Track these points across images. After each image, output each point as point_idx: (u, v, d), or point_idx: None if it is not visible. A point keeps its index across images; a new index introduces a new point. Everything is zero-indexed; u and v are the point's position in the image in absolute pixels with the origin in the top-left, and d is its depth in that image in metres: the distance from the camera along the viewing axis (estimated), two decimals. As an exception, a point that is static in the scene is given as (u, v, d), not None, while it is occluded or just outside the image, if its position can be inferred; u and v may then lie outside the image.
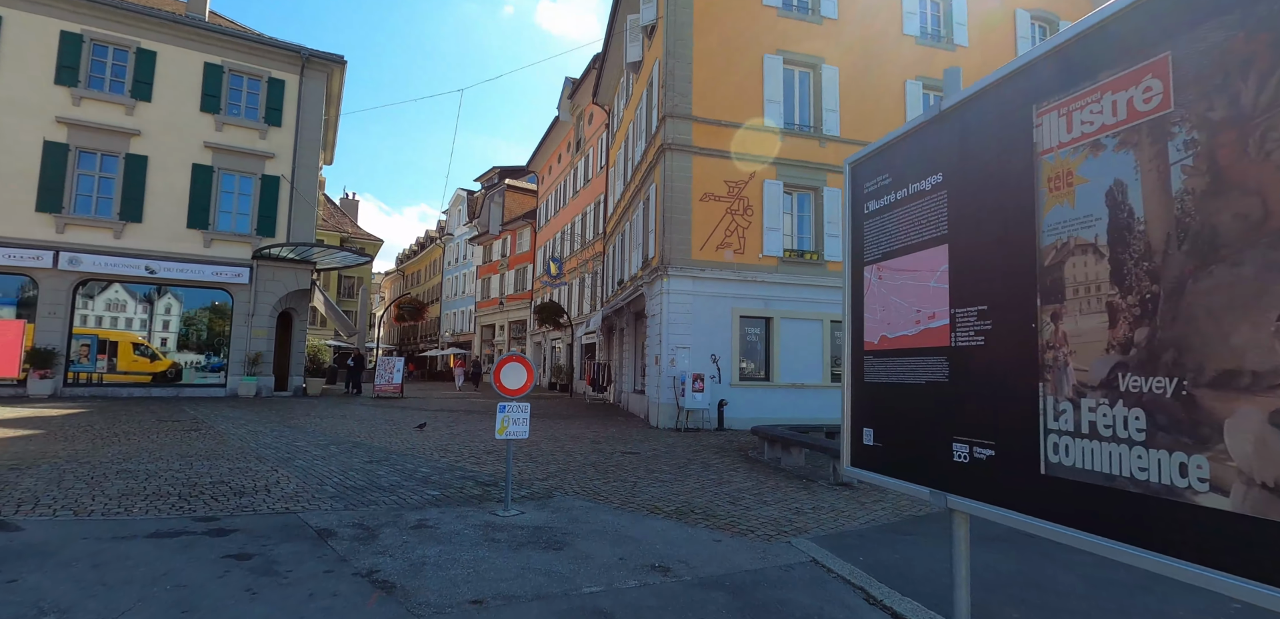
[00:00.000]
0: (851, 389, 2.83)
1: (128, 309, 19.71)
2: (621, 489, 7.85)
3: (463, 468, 8.92)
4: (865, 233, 2.78)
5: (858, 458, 2.78)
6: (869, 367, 2.69)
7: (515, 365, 6.64)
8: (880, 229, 2.67)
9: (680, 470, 9.35)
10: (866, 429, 2.70)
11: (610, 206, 25.60)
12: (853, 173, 2.95)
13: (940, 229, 2.32)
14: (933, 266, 2.33)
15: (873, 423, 2.66)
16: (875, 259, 2.69)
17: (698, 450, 11.47)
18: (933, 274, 2.33)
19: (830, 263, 16.51)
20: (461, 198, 55.12)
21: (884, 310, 2.60)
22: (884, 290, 2.61)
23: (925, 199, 2.40)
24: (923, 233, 2.40)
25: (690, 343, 15.21)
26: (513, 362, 6.63)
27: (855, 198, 2.89)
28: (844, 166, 3.00)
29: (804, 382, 16.01)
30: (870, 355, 2.69)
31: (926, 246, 2.37)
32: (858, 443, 2.78)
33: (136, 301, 19.87)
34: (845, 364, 2.89)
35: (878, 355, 2.64)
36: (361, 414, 16.15)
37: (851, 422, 2.82)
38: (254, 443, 10.47)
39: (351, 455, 9.63)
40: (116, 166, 18.93)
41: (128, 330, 19.69)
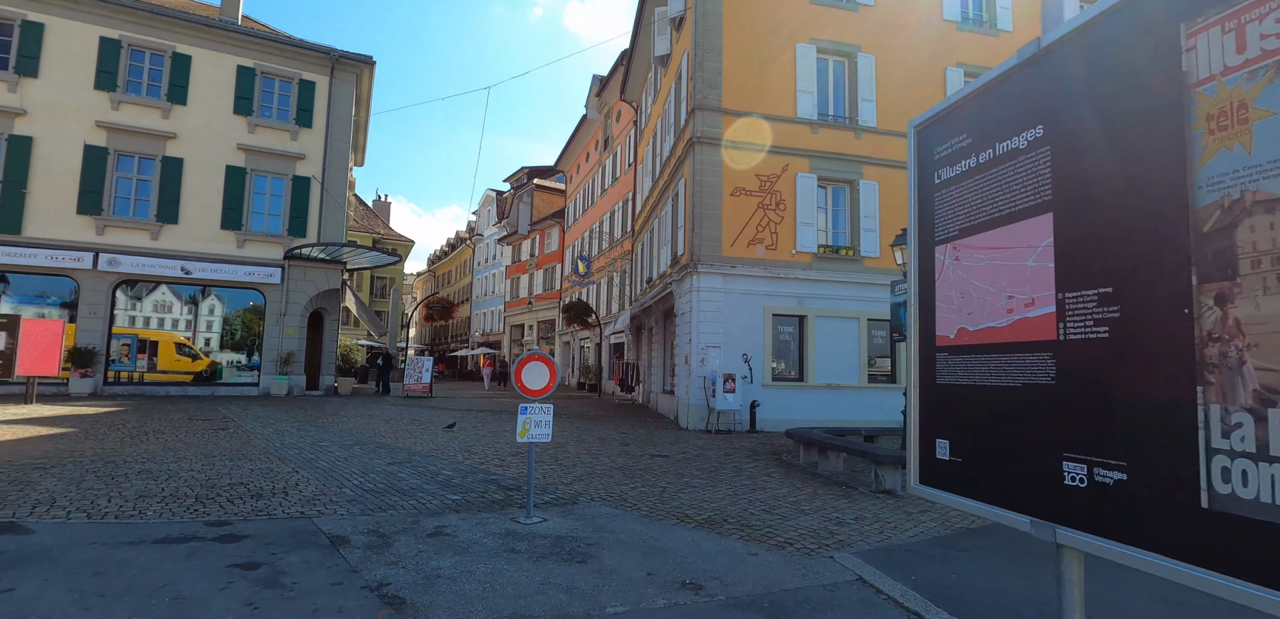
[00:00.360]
0: (920, 392, 2.38)
1: (173, 310, 20.04)
2: (649, 495, 7.46)
3: (486, 471, 8.63)
4: (935, 206, 2.34)
5: (929, 474, 2.34)
6: (943, 365, 2.25)
7: (537, 365, 6.30)
8: (956, 201, 2.22)
9: (711, 475, 8.91)
10: (940, 440, 2.25)
11: (638, 204, 25.23)
12: (919, 138, 2.50)
13: (1041, 194, 1.87)
14: (1030, 241, 1.89)
15: (949, 433, 2.22)
16: (950, 237, 2.25)
17: (729, 453, 11.02)
18: (1030, 250, 1.89)
19: (867, 259, 15.85)
20: (491, 198, 55.40)
21: (963, 298, 2.16)
22: (962, 274, 2.17)
23: (1019, 160, 1.96)
24: (1016, 201, 1.96)
25: (721, 342, 14.74)
26: (534, 361, 6.29)
27: (922, 166, 2.45)
28: (907, 131, 2.56)
29: (839, 382, 15.40)
30: (945, 352, 2.25)
31: (1022, 217, 1.93)
32: (929, 456, 2.34)
33: (182, 303, 20.21)
34: (910, 362, 2.45)
35: (955, 352, 2.19)
36: (389, 414, 16.08)
37: (920, 431, 2.38)
38: (279, 443, 10.37)
39: (375, 457, 9.43)
40: (153, 169, 19.26)
41: (169, 330, 20.02)
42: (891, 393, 15.73)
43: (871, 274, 15.77)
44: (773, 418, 14.77)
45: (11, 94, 17.83)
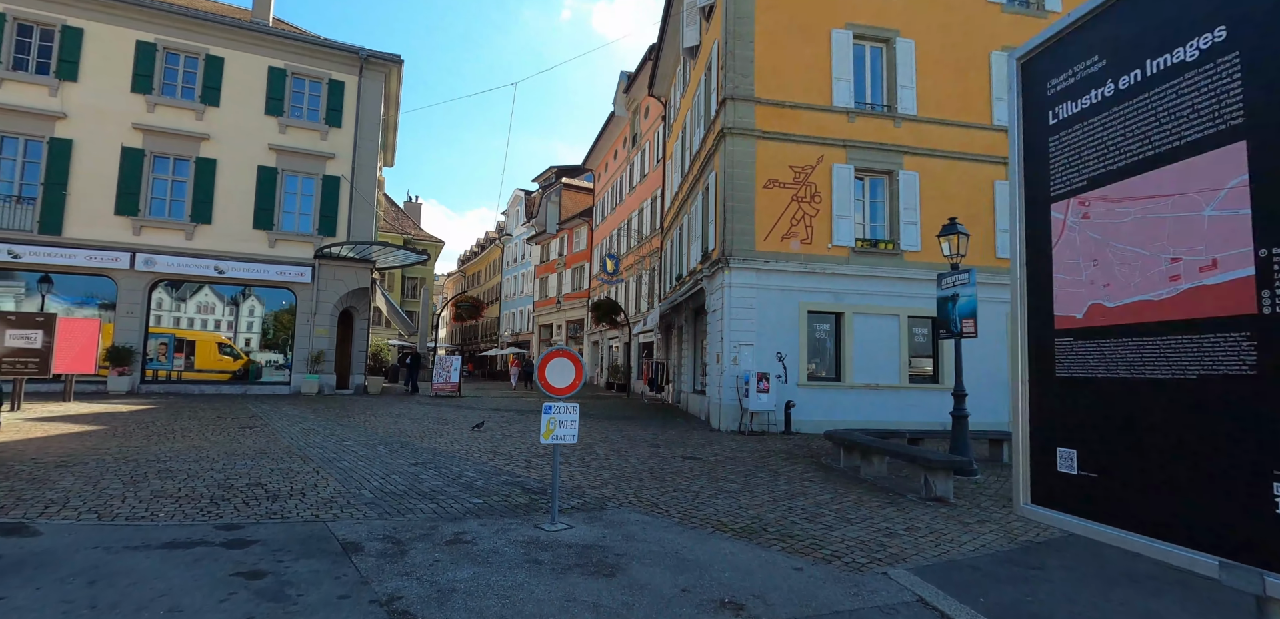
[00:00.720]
0: (1032, 389, 1.89)
1: (214, 310, 20.27)
2: (682, 500, 7.01)
3: (511, 473, 8.28)
4: (1051, 153, 1.85)
5: (1047, 492, 1.84)
6: (1067, 354, 1.76)
7: (562, 361, 5.91)
8: (1084, 142, 1.74)
9: (747, 479, 8.42)
10: (1064, 450, 1.76)
11: (667, 200, 24.78)
12: (1025, 73, 2.01)
13: (1225, 118, 1.39)
14: (1209, 183, 1.41)
15: (1076, 441, 1.73)
16: (1074, 189, 1.76)
17: (764, 456, 10.50)
18: (1208, 196, 1.41)
19: (907, 253, 15.13)
20: (519, 198, 55.53)
21: (1096, 265, 1.68)
22: (1094, 235, 1.69)
23: (1187, 78, 1.47)
24: (1183, 132, 1.48)
25: (754, 340, 14.20)
26: (559, 357, 5.90)
27: (1030, 105, 1.96)
28: (1010, 67, 2.07)
29: (879, 382, 14.72)
30: (1069, 337, 1.76)
31: (1193, 152, 1.44)
32: (1046, 469, 1.85)
33: (224, 303, 20.44)
34: (1017, 351, 1.96)
35: (1085, 336, 1.71)
36: (416, 413, 15.92)
37: (1033, 437, 1.89)
38: (303, 442, 10.20)
39: (398, 457, 9.17)
40: (188, 170, 19.50)
41: (208, 330, 20.26)
42: (934, 394, 14.99)
43: (912, 269, 15.05)
44: (809, 419, 14.18)
45: (53, 98, 18.20)
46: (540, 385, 5.85)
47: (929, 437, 11.06)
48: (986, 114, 15.90)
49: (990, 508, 7.18)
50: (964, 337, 9.45)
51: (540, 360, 5.85)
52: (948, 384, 14.94)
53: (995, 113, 15.88)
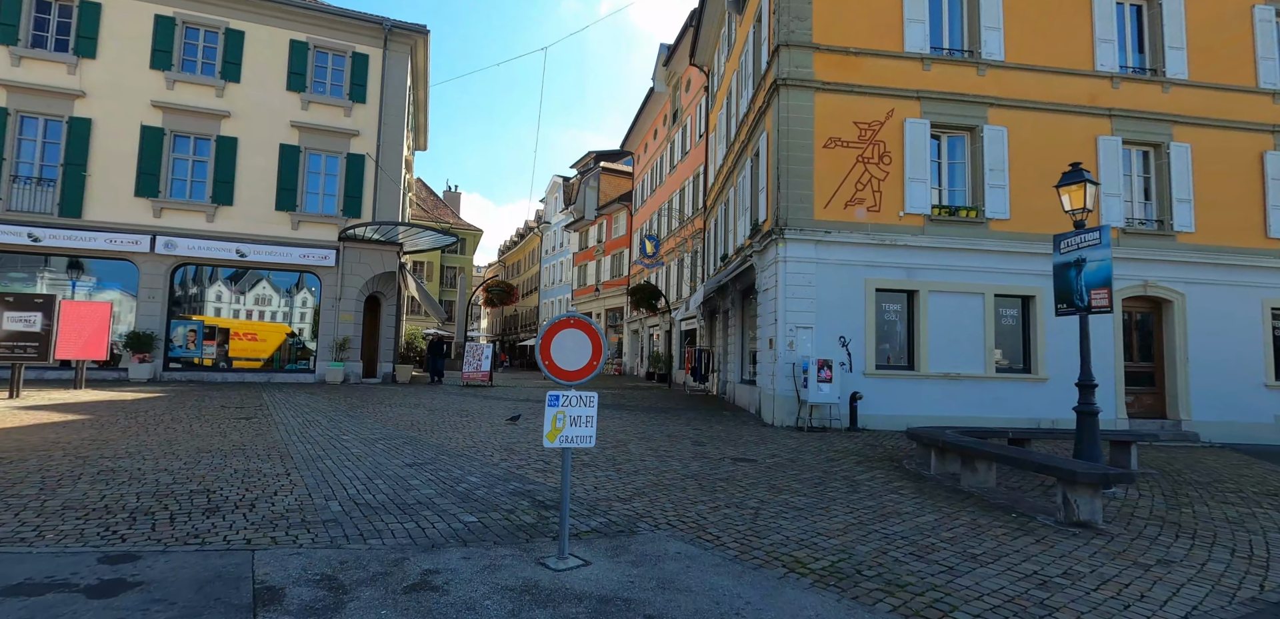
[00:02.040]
0: None
1: (244, 295, 19.53)
2: (738, 521, 5.33)
3: (523, 478, 6.74)
4: None
5: None
6: None
7: (574, 335, 4.30)
8: None
9: (818, 490, 6.67)
10: None
11: (710, 176, 22.95)
12: None
13: None
14: None
15: None
16: None
17: (833, 458, 8.71)
18: None
19: (993, 222, 12.99)
20: (558, 185, 54.37)
21: None
22: None
23: None
24: None
25: (813, 322, 12.34)
26: (569, 329, 4.29)
27: None
28: None
29: (959, 371, 12.67)
30: None
31: None
32: None
33: (279, 294, 19.68)
34: None
35: None
36: (437, 403, 14.63)
37: None
38: (295, 436, 8.91)
39: (394, 455, 7.75)
40: (208, 149, 18.70)
41: (239, 318, 19.52)
42: (1025, 386, 12.86)
43: (999, 240, 12.91)
44: (877, 413, 12.27)
45: (71, 76, 17.59)
46: (543, 367, 4.25)
47: (1036, 438, 9.05)
48: (1087, 58, 13.57)
49: (1162, 539, 5.27)
50: (1094, 311, 7.45)
51: (542, 332, 4.25)
52: (1042, 374, 12.82)
53: (1098, 57, 13.53)
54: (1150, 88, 13.84)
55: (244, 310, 19.74)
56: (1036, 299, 13.01)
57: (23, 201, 17.14)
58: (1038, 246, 12.94)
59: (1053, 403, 12.78)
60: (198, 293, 19.28)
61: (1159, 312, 13.76)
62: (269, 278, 19.87)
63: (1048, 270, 13.06)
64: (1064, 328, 12.87)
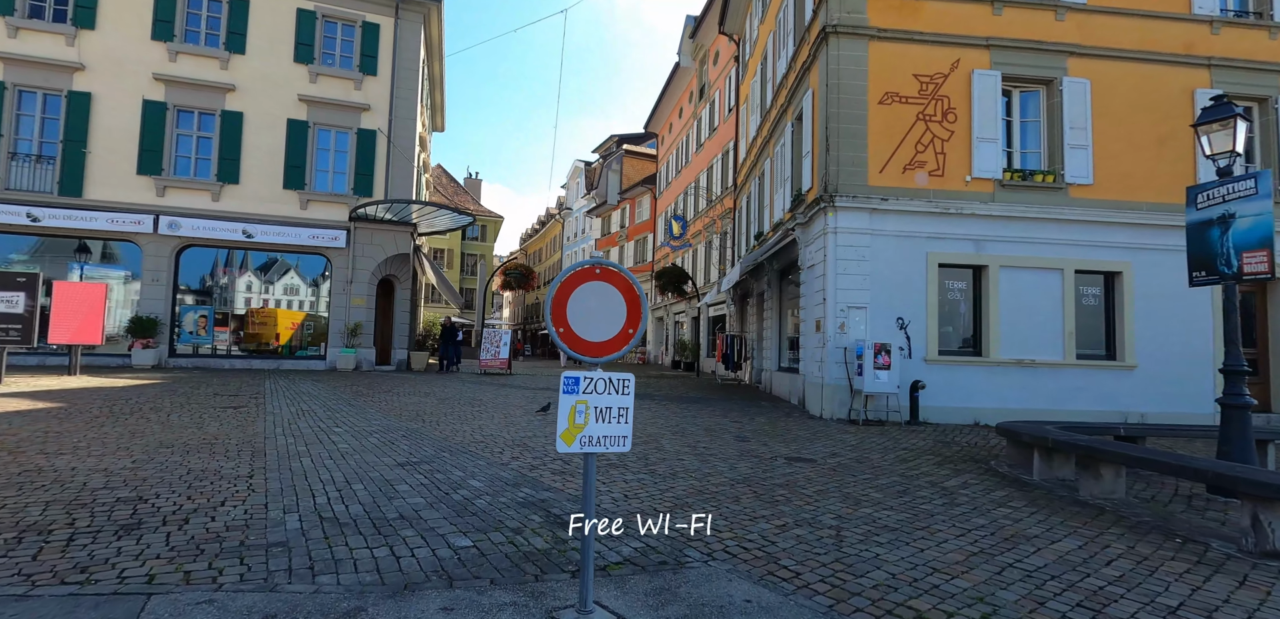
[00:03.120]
0: None
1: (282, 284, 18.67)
2: (818, 547, 4.01)
3: (536, 483, 5.49)
4: None
5: None
6: None
7: (598, 290, 3.00)
8: None
9: (904, 500, 5.32)
10: None
11: (741, 151, 21.48)
12: None
13: None
14: None
15: None
16: None
17: (905, 458, 7.32)
18: None
19: (1074, 187, 11.39)
20: (579, 170, 53.16)
21: None
22: None
23: None
24: None
25: (867, 302, 10.91)
26: (592, 280, 3.00)
27: None
28: None
29: (1034, 358, 11.15)
30: None
31: None
32: None
33: (292, 278, 18.83)
34: None
35: None
36: (449, 392, 13.49)
37: None
38: (282, 428, 7.79)
39: (387, 451, 6.56)
40: (213, 125, 17.78)
41: (255, 304, 18.68)
42: (1109, 374, 11.29)
43: (1080, 208, 11.32)
44: (941, 405, 10.83)
45: (70, 48, 16.75)
46: (556, 336, 2.96)
47: (1150, 435, 7.55)
48: (1183, 0, 11.86)
49: None
50: (1247, 279, 5.93)
51: (555, 288, 2.96)
52: (1129, 361, 11.24)
53: (1195, -1, 11.82)
54: (1255, 33, 12.07)
55: (258, 295, 18.87)
56: (1123, 276, 11.41)
57: (21, 180, 16.39)
58: (1126, 215, 11.34)
59: (1141, 394, 11.21)
60: (209, 277, 18.44)
61: (1262, 292, 12.04)
62: (284, 261, 18.98)
63: (1137, 243, 11.48)
64: (1155, 309, 11.28)
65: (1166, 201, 11.36)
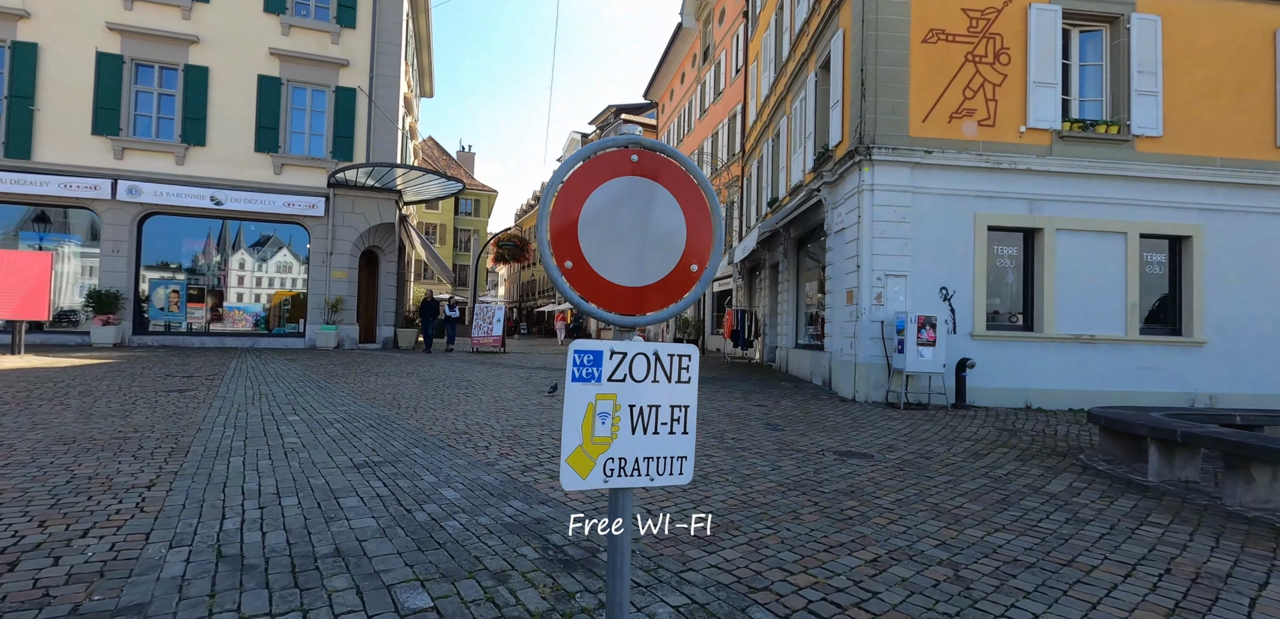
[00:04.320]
0: None
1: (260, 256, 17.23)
2: (944, 603, 2.72)
3: (529, 489, 4.20)
4: None
5: None
6: None
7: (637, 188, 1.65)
8: None
9: (1010, 512, 4.05)
10: None
11: (751, 113, 20.03)
12: None
13: None
14: None
15: None
16: None
17: (973, 450, 6.06)
18: None
19: (1141, 140, 10.05)
20: (575, 142, 51.47)
21: None
22: None
23: None
24: None
25: (907, 269, 9.61)
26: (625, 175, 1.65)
27: None
28: None
29: (1094, 333, 9.89)
30: None
31: None
32: None
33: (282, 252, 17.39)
34: None
35: None
36: (435, 372, 12.18)
37: None
38: (225, 417, 6.48)
39: (343, 447, 5.26)
40: (176, 81, 16.24)
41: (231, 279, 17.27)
42: (1175, 351, 10.05)
43: (1147, 164, 9.99)
44: (987, 385, 9.58)
45: (14, -8, 15.15)
46: (559, 279, 1.62)
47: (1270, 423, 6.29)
48: (1264, -73, 10.45)
49: None
50: None
51: (557, 187, 1.62)
52: (1198, 336, 10.00)
53: (1278, -75, 10.39)
54: (1344, -34, 10.67)
55: (234, 268, 17.45)
56: (1193, 241, 10.12)
57: (-37, 140, 14.88)
58: (1199, 172, 10.01)
59: (1212, 373, 10.00)
60: (182, 249, 17.00)
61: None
62: (259, 232, 17.54)
63: (1210, 203, 10.15)
64: (1229, 279, 10.02)
65: (1244, 157, 10.06)
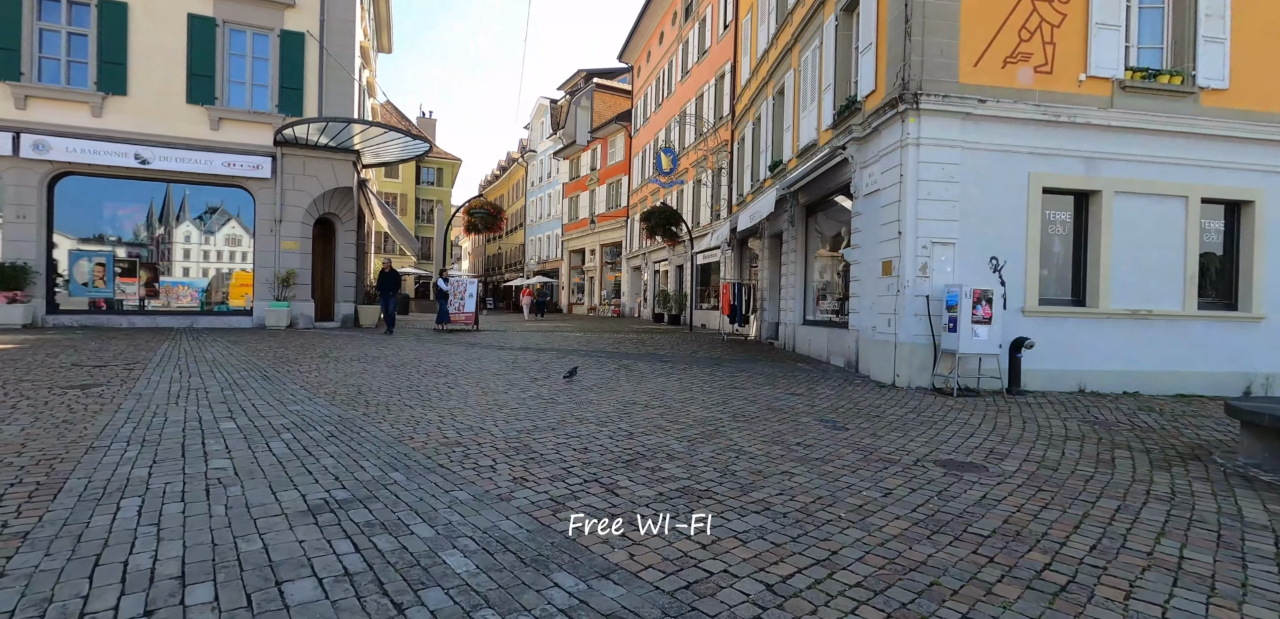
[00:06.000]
0: None
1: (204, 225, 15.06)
2: None
3: (578, 549, 2.80)
4: None
5: None
6: None
7: None
8: None
9: (1235, 556, 2.84)
10: None
11: (743, 72, 18.63)
12: None
13: None
14: None
15: None
16: None
17: (1082, 450, 4.91)
18: None
19: (1206, 92, 9.03)
20: (545, 108, 49.21)
21: None
22: None
23: None
24: None
25: (955, 236, 8.44)
26: None
27: None
28: None
29: (1150, 309, 8.93)
30: None
31: None
32: None
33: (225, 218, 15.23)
34: None
35: None
36: (403, 356, 10.59)
37: None
38: (140, 425, 4.91)
39: (293, 475, 3.77)
40: (88, 18, 13.94)
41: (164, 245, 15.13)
42: (1232, 328, 9.19)
43: (1211, 119, 8.99)
44: (1039, 368, 8.53)
45: (-120, -96, 12.62)
46: None
47: None
48: None
49: None
50: None
51: None
52: (1257, 311, 9.17)
53: None
54: None
55: (172, 238, 15.34)
56: (1254, 207, 9.21)
57: None
58: (1265, 129, 9.05)
59: (1271, 352, 9.17)
60: (105, 215, 14.81)
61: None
62: (193, 194, 15.42)
63: (1275, 164, 9.27)
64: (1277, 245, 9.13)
65: (1307, 112, 9.14)
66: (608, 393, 7.26)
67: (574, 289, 43.01)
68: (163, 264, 15.32)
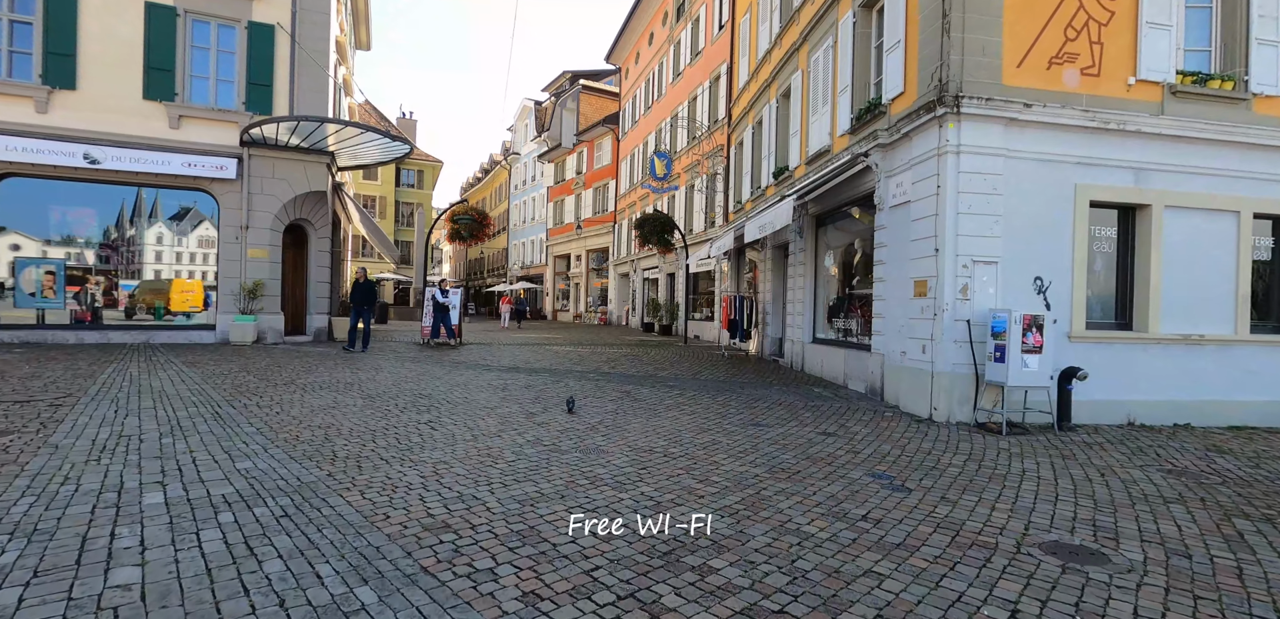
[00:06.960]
0: None
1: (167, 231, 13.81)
2: None
3: None
4: None
5: None
6: None
7: None
8: None
9: None
10: None
11: (741, 74, 17.83)
12: None
13: None
14: None
15: None
16: None
17: (1193, 517, 4.08)
18: None
19: (1259, 98, 8.35)
20: (529, 110, 48.11)
21: None
22: None
23: None
24: None
25: (999, 254, 7.64)
26: None
27: None
28: None
29: (1202, 333, 8.21)
30: None
31: None
32: None
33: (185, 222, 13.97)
34: None
35: None
36: (381, 381, 9.54)
37: None
38: (39, 500, 3.87)
39: (221, 601, 2.77)
40: (34, 5, 12.70)
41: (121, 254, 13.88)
42: None
43: (1263, 128, 8.31)
44: (1086, 398, 7.75)
45: None
46: None
47: None
48: None
49: None
50: None
51: None
52: (1314, 334, 8.41)
53: None
54: None
55: (130, 245, 14.12)
56: (1304, 221, 8.55)
57: None
58: (1318, 138, 8.39)
59: (1324, 379, 8.48)
60: (51, 220, 13.54)
61: None
62: (151, 198, 14.21)
63: (1333, 174, 8.59)
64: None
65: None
66: (616, 435, 6.31)
67: (559, 295, 41.95)
68: (121, 273, 14.08)
